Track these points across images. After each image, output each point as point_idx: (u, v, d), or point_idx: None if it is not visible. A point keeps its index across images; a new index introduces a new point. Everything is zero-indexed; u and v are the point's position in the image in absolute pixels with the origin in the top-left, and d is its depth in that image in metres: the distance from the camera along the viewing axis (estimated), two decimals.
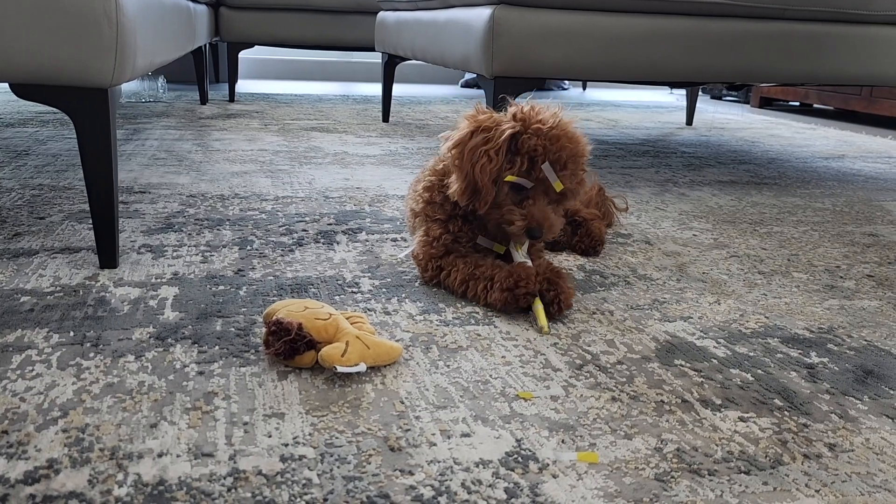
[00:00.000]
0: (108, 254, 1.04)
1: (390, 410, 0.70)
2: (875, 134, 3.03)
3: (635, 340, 0.89)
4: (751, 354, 0.86)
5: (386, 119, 2.77)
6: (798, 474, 0.63)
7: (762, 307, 1.02)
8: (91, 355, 0.78)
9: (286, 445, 0.63)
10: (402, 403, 0.71)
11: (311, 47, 3.18)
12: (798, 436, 0.69)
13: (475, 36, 1.64)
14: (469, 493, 0.58)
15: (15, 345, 0.80)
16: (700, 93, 4.46)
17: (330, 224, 1.34)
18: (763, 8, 1.70)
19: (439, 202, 1.05)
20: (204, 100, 3.10)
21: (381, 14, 2.59)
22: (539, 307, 0.92)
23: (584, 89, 4.94)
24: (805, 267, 1.21)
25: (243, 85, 4.11)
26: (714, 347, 0.88)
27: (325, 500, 0.56)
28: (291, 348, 0.76)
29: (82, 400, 0.69)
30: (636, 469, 0.62)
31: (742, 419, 0.71)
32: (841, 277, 1.16)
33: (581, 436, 0.67)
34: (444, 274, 1.01)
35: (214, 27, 3.00)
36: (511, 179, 0.97)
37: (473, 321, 0.92)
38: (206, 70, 3.10)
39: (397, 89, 4.14)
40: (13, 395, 0.69)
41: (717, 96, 4.45)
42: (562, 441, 0.66)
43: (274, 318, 0.78)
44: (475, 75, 1.88)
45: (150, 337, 0.83)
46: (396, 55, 2.45)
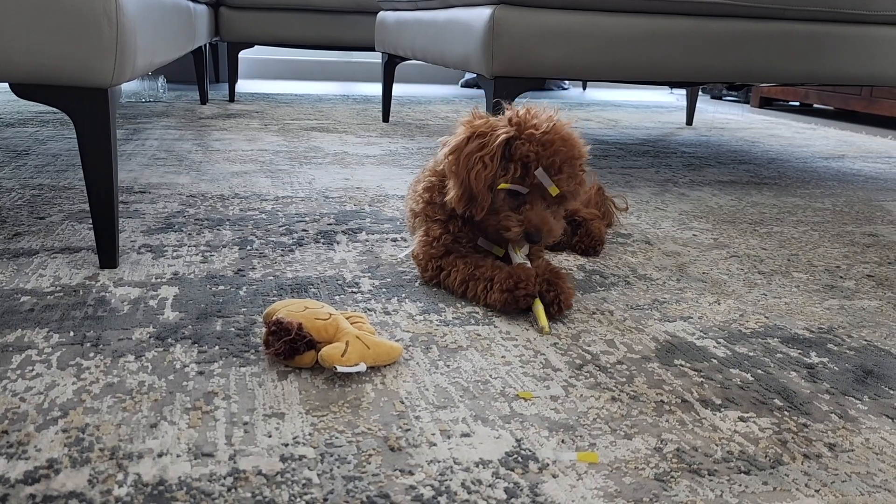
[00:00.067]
0: (108, 254, 1.04)
1: (390, 410, 0.70)
2: (875, 134, 3.03)
3: (635, 340, 0.89)
4: (751, 354, 0.86)
5: (386, 119, 2.77)
6: (798, 474, 0.63)
7: (762, 307, 1.02)
8: (91, 355, 0.78)
9: (286, 445, 0.63)
10: (402, 403, 0.71)
11: (311, 47, 3.18)
12: (798, 436, 0.69)
13: (475, 36, 1.64)
14: (469, 493, 0.58)
15: (15, 345, 0.80)
16: (700, 93, 4.46)
17: (330, 224, 1.34)
18: (763, 8, 1.70)
19: (439, 203, 1.05)
20: (204, 100, 3.10)
21: (381, 14, 2.59)
22: (539, 308, 0.92)
23: (584, 89, 4.94)
24: (805, 267, 1.21)
25: (243, 85, 4.11)
26: (714, 347, 0.88)
27: (325, 500, 0.56)
28: (291, 348, 0.76)
29: (82, 400, 0.69)
30: (636, 469, 0.62)
31: (742, 419, 0.71)
32: (841, 277, 1.16)
33: (581, 436, 0.67)
34: (444, 274, 1.01)
35: (214, 27, 3.00)
36: (504, 187, 0.97)
37: (473, 321, 0.92)
38: (206, 70, 3.10)
39: (397, 89, 4.14)
40: (13, 395, 0.69)
41: (717, 96, 4.45)
42: (562, 441, 0.66)
43: (274, 318, 0.78)
44: (475, 75, 1.88)
45: (150, 337, 0.83)
46: (396, 55, 2.45)
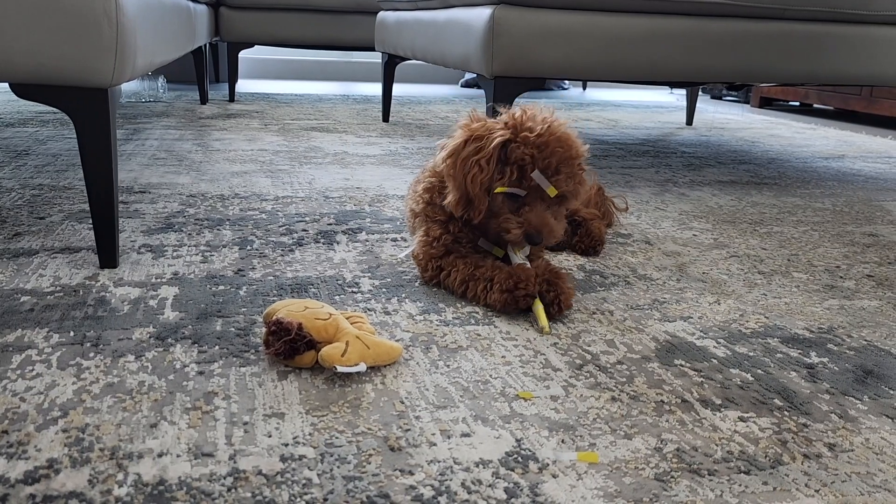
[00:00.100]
0: (108, 254, 1.04)
1: (390, 410, 0.70)
2: (875, 134, 3.03)
3: (635, 340, 0.89)
4: (751, 354, 0.86)
5: (386, 119, 2.77)
6: (798, 474, 0.63)
7: (762, 307, 1.02)
8: (91, 355, 0.78)
9: (286, 445, 0.63)
10: (402, 403, 0.71)
11: (311, 47, 3.18)
12: (798, 436, 0.69)
13: (475, 36, 1.64)
14: (469, 493, 0.58)
15: (15, 345, 0.80)
16: (700, 93, 4.46)
17: (330, 224, 1.34)
18: (763, 8, 1.71)
19: (439, 203, 1.05)
20: (204, 100, 3.10)
21: (381, 14, 2.59)
22: (539, 308, 0.92)
23: (584, 89, 4.94)
24: (805, 267, 1.21)
25: (243, 85, 4.11)
26: (714, 347, 0.88)
27: (325, 500, 0.56)
28: (291, 348, 0.76)
29: (82, 400, 0.69)
30: (636, 469, 0.62)
31: (742, 419, 0.71)
32: (841, 277, 1.16)
33: (581, 436, 0.67)
34: (444, 274, 1.01)
35: (214, 27, 3.00)
36: (501, 190, 0.97)
37: (473, 321, 0.92)
38: (206, 70, 3.10)
39: (397, 89, 4.14)
40: (13, 395, 0.69)
41: (717, 96, 4.45)
42: (562, 441, 0.66)
43: (274, 318, 0.78)
44: (475, 75, 1.88)
45: (150, 337, 0.83)
46: (396, 55, 2.45)
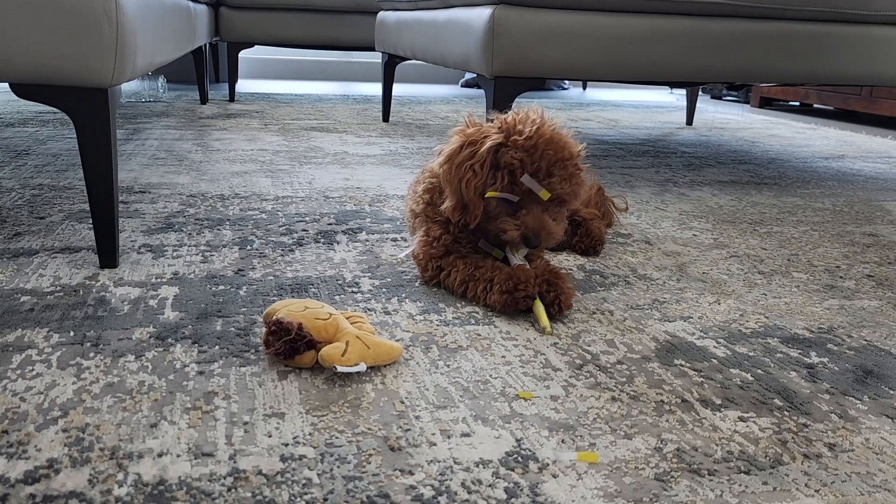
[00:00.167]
0: (108, 253, 1.04)
1: (390, 410, 0.70)
2: (875, 134, 3.03)
3: (635, 340, 0.89)
4: (751, 354, 0.86)
5: (386, 119, 2.77)
6: (798, 474, 0.63)
7: (762, 307, 1.02)
8: (91, 355, 0.78)
9: (286, 445, 0.63)
10: (402, 403, 0.71)
11: (311, 47, 3.18)
12: (798, 436, 0.69)
13: (475, 36, 1.64)
14: (469, 493, 0.58)
15: (15, 344, 0.80)
16: (700, 93, 4.46)
17: (330, 224, 1.34)
18: (763, 8, 1.71)
19: (439, 204, 1.05)
20: (204, 99, 3.10)
21: (381, 14, 2.59)
22: (540, 308, 0.92)
23: (584, 89, 4.94)
24: (805, 267, 1.21)
25: (243, 85, 4.11)
26: (714, 347, 0.88)
27: (325, 500, 0.56)
28: (291, 348, 0.76)
29: (82, 400, 0.69)
30: (636, 469, 0.62)
31: (742, 419, 0.71)
32: (841, 277, 1.16)
33: (581, 436, 0.67)
34: (444, 274, 1.01)
35: (214, 27, 3.00)
36: (493, 195, 0.97)
37: (473, 321, 0.92)
38: (206, 70, 3.10)
39: (397, 89, 4.14)
40: (13, 395, 0.69)
41: (717, 96, 4.45)
42: (562, 441, 0.66)
43: (274, 318, 0.78)
44: (475, 75, 1.88)
45: (150, 337, 0.83)
46: (396, 55, 2.45)
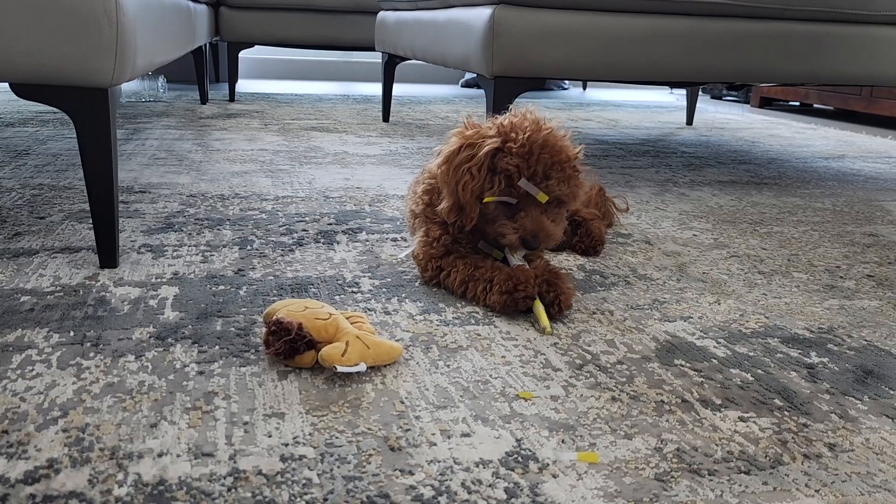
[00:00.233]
0: (109, 253, 1.04)
1: (390, 410, 0.70)
2: (875, 134, 3.03)
3: (635, 340, 0.89)
4: (751, 354, 0.86)
5: (386, 119, 2.77)
6: (798, 474, 0.63)
7: (762, 307, 1.02)
8: (91, 355, 0.78)
9: (286, 445, 0.63)
10: (402, 403, 0.71)
11: (311, 47, 3.18)
12: (798, 436, 0.69)
13: (475, 36, 1.64)
14: (469, 493, 0.58)
15: (15, 344, 0.80)
16: (700, 93, 4.46)
17: (330, 224, 1.34)
18: (763, 8, 1.70)
19: (438, 205, 1.05)
20: (204, 99, 3.10)
21: (381, 14, 2.59)
22: (540, 308, 0.92)
23: (584, 89, 4.94)
24: (805, 267, 1.21)
25: (243, 85, 4.11)
26: (714, 347, 0.88)
27: (325, 500, 0.56)
28: (291, 348, 0.76)
29: (82, 400, 0.69)
30: (636, 469, 0.62)
31: (742, 419, 0.71)
32: (841, 277, 1.16)
33: (581, 436, 0.67)
34: (444, 274, 1.01)
35: (214, 27, 3.00)
36: (490, 199, 0.97)
37: (473, 321, 0.92)
38: (206, 70, 3.10)
39: (397, 89, 4.14)
40: (13, 395, 0.69)
41: (717, 96, 4.45)
42: (562, 441, 0.66)
43: (274, 318, 0.78)
44: (475, 75, 1.88)
45: (150, 337, 0.83)
46: (396, 55, 2.45)
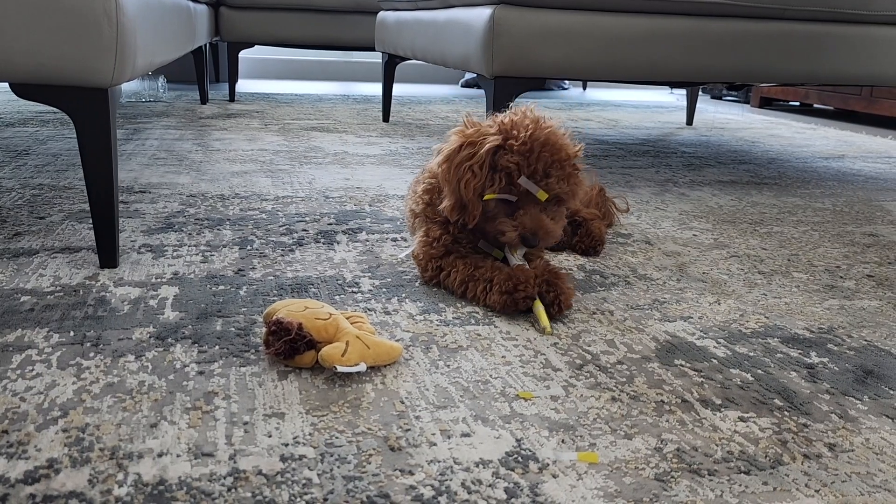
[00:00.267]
0: (109, 253, 1.04)
1: (390, 410, 0.70)
2: (875, 134, 3.03)
3: (635, 340, 0.89)
4: (751, 354, 0.86)
5: (386, 119, 2.77)
6: (798, 474, 0.63)
7: (762, 307, 1.02)
8: (91, 355, 0.78)
9: (286, 445, 0.63)
10: (402, 403, 0.71)
11: (311, 47, 3.18)
12: (798, 436, 0.69)
13: (475, 36, 1.64)
14: (469, 493, 0.58)
15: (15, 344, 0.80)
16: (700, 93, 4.46)
17: (330, 224, 1.34)
18: (763, 8, 1.70)
19: (439, 204, 1.05)
20: (204, 99, 3.10)
21: (381, 14, 2.59)
22: (540, 308, 0.92)
23: (584, 89, 4.94)
24: (805, 267, 1.21)
25: (243, 85, 4.11)
26: (714, 347, 0.88)
27: (325, 500, 0.56)
28: (291, 348, 0.76)
29: (82, 400, 0.69)
30: (636, 469, 0.62)
31: (742, 419, 0.71)
32: (841, 277, 1.16)
33: (581, 436, 0.67)
34: (444, 274, 1.01)
35: (214, 27, 3.00)
36: (490, 197, 0.97)
37: (473, 321, 0.92)
38: (206, 70, 3.10)
39: (397, 89, 4.14)
40: (13, 395, 0.69)
41: (717, 96, 4.45)
42: (562, 441, 0.66)
43: (274, 318, 0.78)
44: (475, 75, 1.88)
45: (151, 337, 0.83)
46: (396, 55, 2.45)
